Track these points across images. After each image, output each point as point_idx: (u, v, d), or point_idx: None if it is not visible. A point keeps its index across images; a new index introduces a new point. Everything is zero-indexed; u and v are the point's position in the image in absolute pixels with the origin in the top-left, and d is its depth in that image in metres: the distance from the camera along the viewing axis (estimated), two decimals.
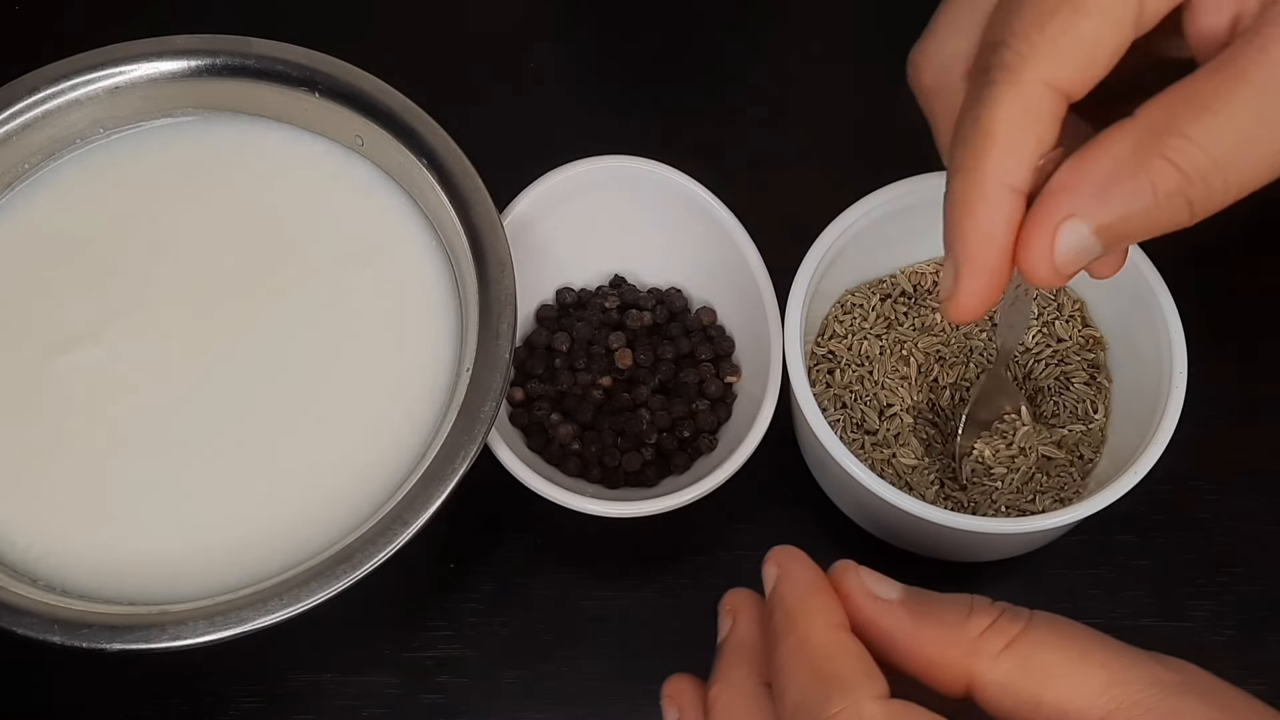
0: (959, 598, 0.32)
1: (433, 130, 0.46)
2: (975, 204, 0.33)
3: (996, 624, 0.31)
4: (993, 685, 0.31)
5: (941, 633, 0.31)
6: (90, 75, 0.47)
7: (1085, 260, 0.34)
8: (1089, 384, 0.47)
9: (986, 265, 0.34)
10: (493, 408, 0.42)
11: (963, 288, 0.34)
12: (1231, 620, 0.47)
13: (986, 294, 0.34)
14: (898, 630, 0.32)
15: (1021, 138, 0.33)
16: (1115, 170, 0.32)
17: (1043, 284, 0.34)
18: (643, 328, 0.49)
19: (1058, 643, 0.31)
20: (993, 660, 0.31)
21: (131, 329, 0.45)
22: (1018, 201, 0.33)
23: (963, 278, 0.34)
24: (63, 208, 0.47)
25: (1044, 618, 0.32)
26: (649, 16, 0.59)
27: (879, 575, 0.33)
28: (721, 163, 0.50)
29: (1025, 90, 0.33)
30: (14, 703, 0.45)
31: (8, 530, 0.42)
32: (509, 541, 0.48)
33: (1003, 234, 0.33)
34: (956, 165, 0.34)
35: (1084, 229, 0.33)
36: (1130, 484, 0.42)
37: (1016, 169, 0.33)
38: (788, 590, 0.33)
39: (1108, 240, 0.33)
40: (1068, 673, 0.30)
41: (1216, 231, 0.53)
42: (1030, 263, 0.33)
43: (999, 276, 0.34)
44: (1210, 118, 0.31)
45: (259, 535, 0.42)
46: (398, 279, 0.46)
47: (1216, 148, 0.32)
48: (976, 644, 0.31)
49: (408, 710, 0.45)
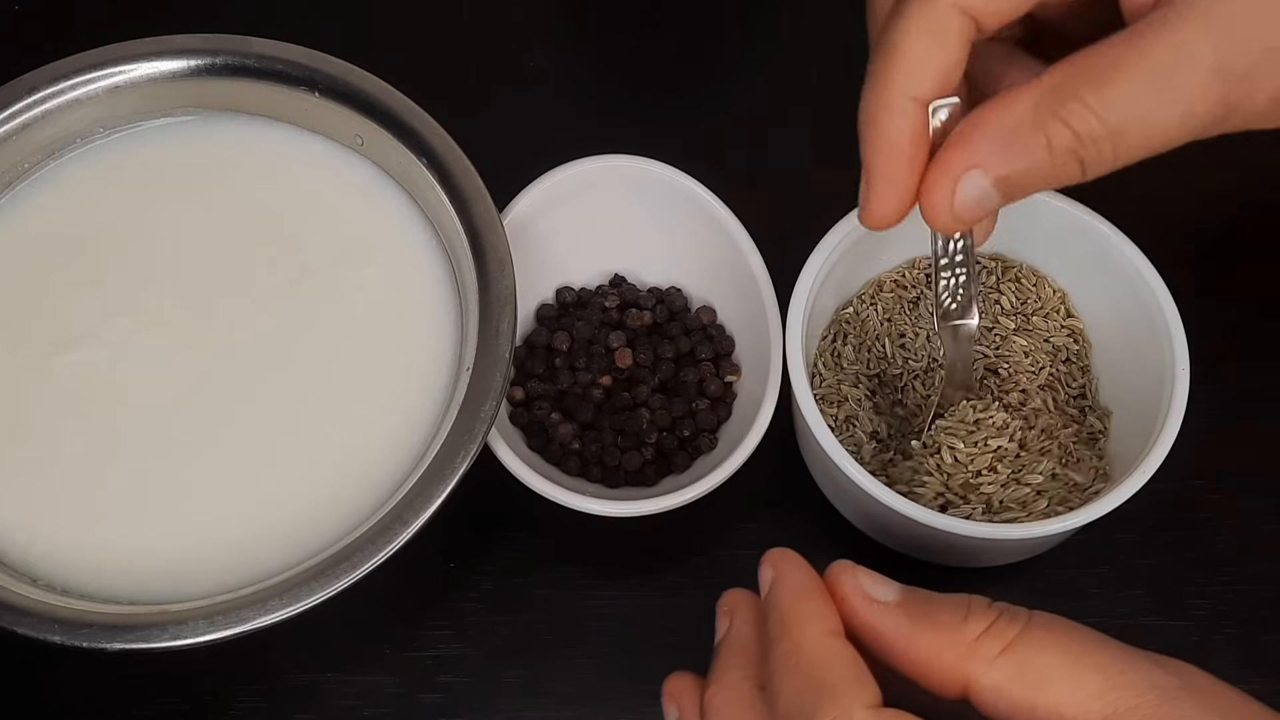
0: (956, 599, 0.32)
1: (433, 130, 0.46)
2: (881, 115, 0.36)
3: (993, 627, 0.31)
4: (989, 689, 0.31)
5: (937, 636, 0.31)
6: (90, 75, 0.47)
7: (984, 210, 0.36)
8: (1076, 385, 0.47)
9: (892, 173, 0.36)
10: (493, 407, 0.42)
11: (872, 194, 0.37)
12: (1231, 620, 0.47)
13: (894, 201, 0.37)
14: (894, 633, 0.32)
15: (927, 54, 0.35)
16: (1016, 127, 0.34)
17: (943, 228, 0.36)
18: (643, 327, 0.49)
19: (1054, 646, 0.31)
20: (989, 664, 0.31)
21: (132, 328, 0.45)
22: (921, 113, 0.35)
23: (872, 184, 0.36)
24: (63, 207, 0.47)
25: (1042, 620, 0.31)
26: (649, 16, 0.59)
27: (877, 576, 0.33)
28: (721, 163, 0.50)
29: (934, 10, 0.35)
30: (14, 703, 0.45)
31: (8, 529, 0.42)
32: (509, 541, 0.48)
33: (907, 143, 0.36)
34: (867, 76, 0.36)
35: (984, 180, 0.35)
36: (1135, 487, 0.41)
37: (921, 83, 0.35)
38: (782, 594, 0.33)
39: (1005, 191, 0.35)
40: (1063, 677, 0.30)
41: (1217, 231, 0.54)
42: (932, 207, 0.36)
43: (905, 185, 0.36)
44: (1108, 89, 0.33)
45: (259, 535, 0.42)
46: (398, 278, 0.46)
47: (1111, 116, 0.34)
48: (972, 648, 0.31)
49: (408, 710, 0.45)
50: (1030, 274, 0.49)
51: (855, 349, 0.48)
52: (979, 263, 0.49)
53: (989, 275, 0.49)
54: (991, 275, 0.49)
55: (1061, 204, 0.46)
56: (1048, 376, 0.47)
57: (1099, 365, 0.48)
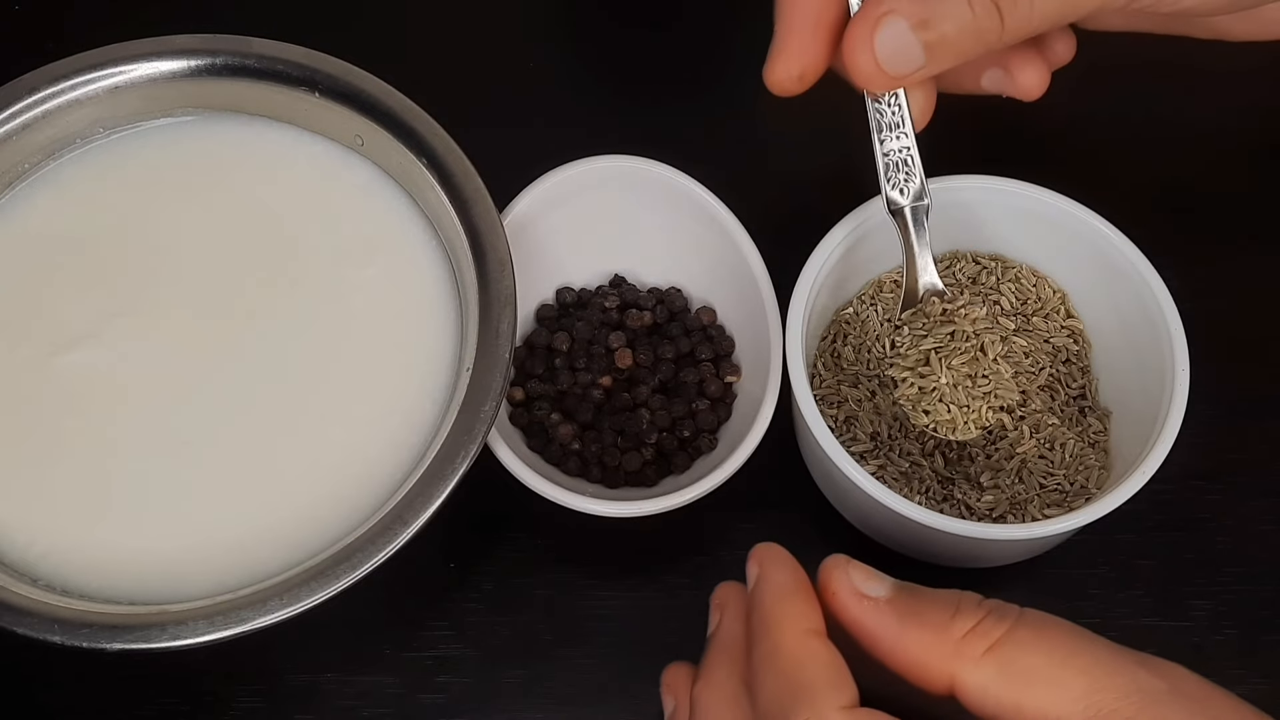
0: (947, 596, 0.32)
1: (433, 130, 0.46)
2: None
3: (980, 626, 0.31)
4: (974, 688, 0.31)
5: (924, 635, 0.32)
6: (90, 75, 0.47)
7: (909, 65, 0.38)
8: (1077, 386, 0.47)
9: (799, 26, 0.38)
10: (493, 407, 0.42)
11: (777, 50, 0.38)
12: (1231, 620, 0.47)
13: (799, 57, 0.38)
14: (882, 630, 0.32)
15: None
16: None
17: (868, 78, 0.38)
18: (643, 327, 0.49)
19: (1040, 646, 0.31)
20: (975, 663, 0.31)
21: (132, 328, 0.45)
22: None
23: (778, 40, 0.38)
24: (63, 208, 0.47)
25: (1031, 619, 0.32)
26: (650, 16, 0.59)
27: (869, 570, 0.33)
28: (722, 163, 0.50)
29: None
30: (14, 703, 0.45)
31: (8, 529, 0.43)
32: (509, 541, 0.48)
33: None
34: None
35: (902, 24, 0.37)
36: (1135, 487, 0.41)
37: None
38: (765, 594, 0.34)
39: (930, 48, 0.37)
40: (1048, 678, 0.30)
41: (1217, 231, 0.54)
42: (853, 52, 0.38)
43: (812, 43, 0.38)
44: None
45: (259, 535, 0.42)
46: (398, 279, 0.46)
47: None
48: (959, 646, 0.31)
49: (408, 710, 0.45)
50: (1030, 274, 0.49)
51: (855, 349, 0.48)
52: (978, 262, 0.49)
53: (989, 275, 0.49)
54: (991, 275, 0.49)
55: (1061, 204, 0.46)
56: (1048, 377, 0.47)
57: (1099, 365, 0.48)
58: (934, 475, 0.45)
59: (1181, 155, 0.52)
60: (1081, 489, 0.45)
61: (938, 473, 0.45)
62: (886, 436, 0.46)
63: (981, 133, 0.51)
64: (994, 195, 0.47)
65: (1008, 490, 0.45)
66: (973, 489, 0.45)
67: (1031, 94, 0.46)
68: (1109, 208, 0.46)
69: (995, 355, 0.45)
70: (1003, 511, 0.45)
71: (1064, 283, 0.48)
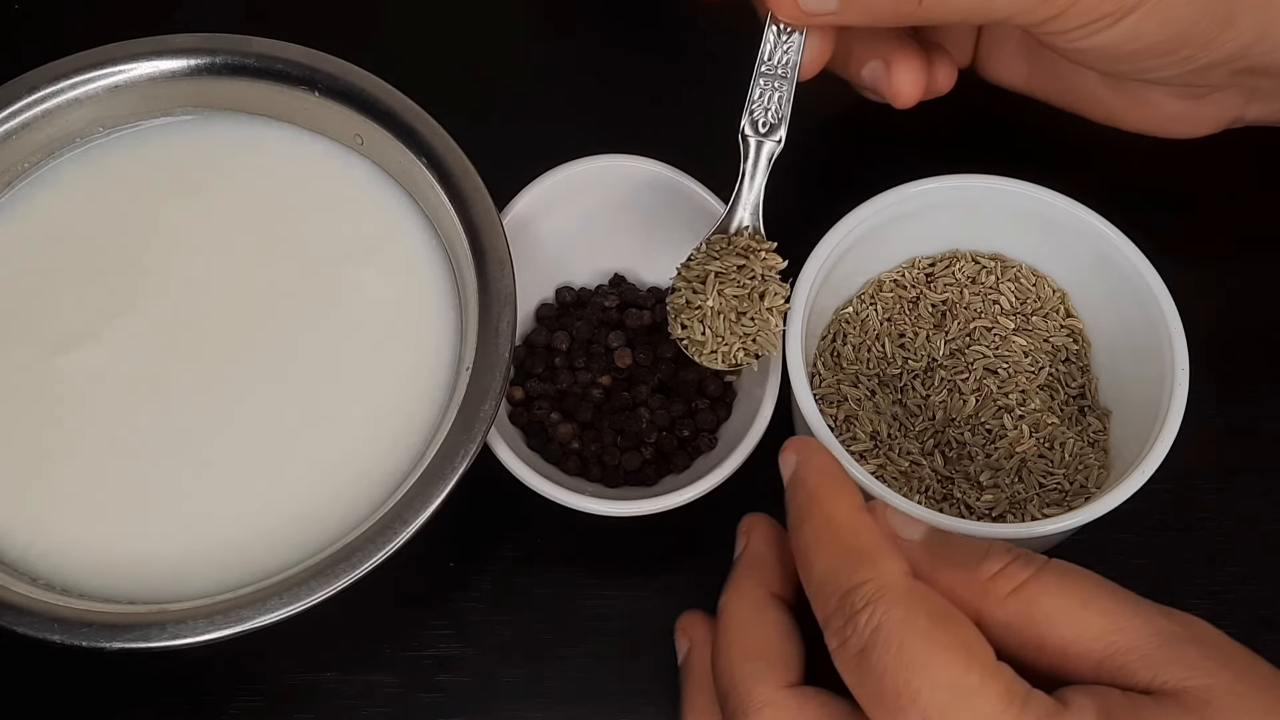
0: (977, 541, 0.34)
1: (432, 129, 0.46)
2: None
3: (1007, 569, 0.33)
4: (998, 626, 0.32)
5: (954, 574, 0.33)
6: (90, 74, 0.47)
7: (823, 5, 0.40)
8: (1076, 386, 0.47)
9: None
10: (492, 407, 0.42)
11: None
12: (1231, 620, 0.46)
13: None
14: (915, 568, 0.33)
15: None
16: None
17: (778, 5, 0.40)
18: (642, 327, 0.49)
19: (1064, 590, 0.32)
20: (1000, 602, 0.32)
21: (131, 328, 0.45)
22: None
23: None
24: (62, 207, 0.47)
25: (1056, 566, 0.33)
26: (649, 16, 0.59)
27: (905, 515, 0.35)
28: (722, 163, 0.50)
29: None
30: (14, 702, 0.45)
31: (8, 529, 0.43)
32: (509, 540, 0.48)
33: None
34: None
35: None
36: (1135, 487, 0.41)
37: None
38: (809, 474, 0.35)
39: None
40: (1069, 619, 0.32)
41: (1217, 231, 0.54)
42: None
43: None
44: None
45: (259, 534, 0.42)
46: (397, 278, 0.46)
47: None
48: (986, 586, 0.33)
49: (408, 710, 0.45)
50: (1030, 274, 0.49)
51: (855, 349, 0.48)
52: (978, 262, 0.49)
53: (988, 275, 0.49)
54: (991, 275, 0.49)
55: (1061, 203, 0.46)
56: (1047, 376, 0.47)
57: (1099, 365, 0.48)
58: (934, 474, 0.45)
59: (1182, 155, 0.52)
60: (1081, 488, 0.45)
61: (937, 472, 0.46)
62: (886, 436, 0.46)
63: (981, 132, 0.51)
64: (994, 195, 0.47)
65: (1007, 489, 0.45)
66: (972, 488, 0.45)
67: (901, 99, 0.46)
68: (1109, 207, 0.46)
69: (773, 307, 0.44)
70: (1002, 511, 0.45)
71: (1064, 282, 0.48)
